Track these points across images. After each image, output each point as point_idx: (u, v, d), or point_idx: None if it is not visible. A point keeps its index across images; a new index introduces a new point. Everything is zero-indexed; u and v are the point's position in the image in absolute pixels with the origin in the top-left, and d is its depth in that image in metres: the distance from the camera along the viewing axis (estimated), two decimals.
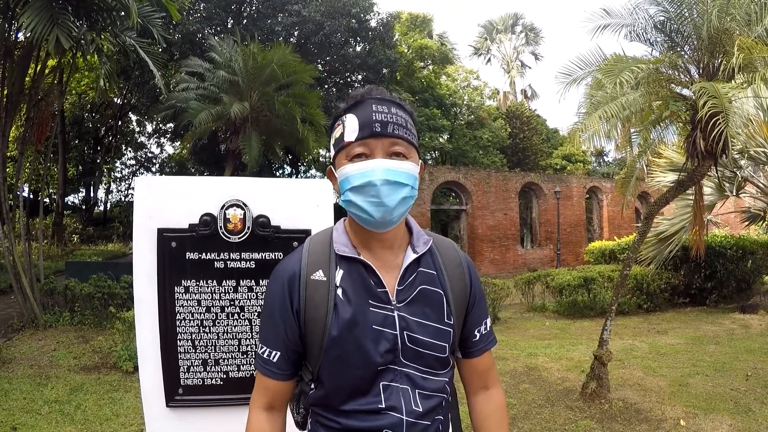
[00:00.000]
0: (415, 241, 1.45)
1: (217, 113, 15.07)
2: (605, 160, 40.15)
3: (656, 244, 10.46)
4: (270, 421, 1.43)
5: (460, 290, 1.45)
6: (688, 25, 5.64)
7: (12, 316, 9.41)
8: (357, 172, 1.30)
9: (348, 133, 1.33)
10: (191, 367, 2.31)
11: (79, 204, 33.58)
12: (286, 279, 1.40)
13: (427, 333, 1.36)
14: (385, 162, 1.30)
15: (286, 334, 1.38)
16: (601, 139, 6.31)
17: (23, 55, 9.82)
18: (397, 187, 1.29)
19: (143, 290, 2.29)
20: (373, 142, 1.31)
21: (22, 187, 11.69)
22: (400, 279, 1.38)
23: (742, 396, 5.80)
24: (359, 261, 1.38)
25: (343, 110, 1.37)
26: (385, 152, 1.31)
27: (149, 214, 2.29)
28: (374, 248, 1.40)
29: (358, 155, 1.32)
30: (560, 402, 5.78)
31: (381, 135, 1.31)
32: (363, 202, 1.29)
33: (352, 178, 1.31)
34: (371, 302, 1.34)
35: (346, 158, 1.34)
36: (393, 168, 1.29)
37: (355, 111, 1.34)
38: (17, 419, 5.24)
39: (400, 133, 1.33)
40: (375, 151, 1.31)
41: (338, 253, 1.39)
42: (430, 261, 1.45)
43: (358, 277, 1.36)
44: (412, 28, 30.38)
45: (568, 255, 23.93)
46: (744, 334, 8.99)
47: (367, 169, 1.29)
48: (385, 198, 1.28)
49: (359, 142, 1.31)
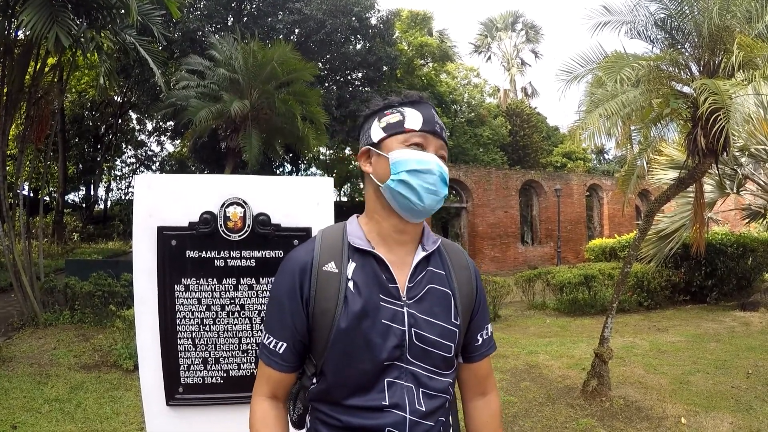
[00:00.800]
0: (425, 239, 1.47)
1: (217, 111, 15.05)
2: (606, 158, 40.17)
3: (657, 241, 10.46)
4: (274, 408, 1.43)
5: (467, 292, 1.47)
6: (689, 23, 5.62)
7: (12, 315, 9.42)
8: (419, 158, 1.36)
9: (410, 121, 1.40)
10: (191, 365, 2.30)
11: (79, 202, 33.59)
12: (297, 269, 1.40)
13: (435, 331, 1.37)
14: (439, 160, 1.39)
15: (293, 325, 1.38)
16: (602, 136, 6.30)
17: (23, 53, 9.81)
18: (444, 186, 1.38)
19: (143, 289, 2.29)
20: (432, 138, 1.40)
21: (22, 185, 11.70)
22: (411, 276, 1.39)
23: (743, 394, 5.80)
24: (373, 255, 1.39)
25: (399, 102, 1.45)
26: (436, 152, 1.41)
27: (149, 213, 2.28)
28: (389, 244, 1.42)
29: (417, 144, 1.39)
30: (561, 400, 5.78)
31: (438, 135, 1.41)
32: (419, 185, 1.34)
33: (412, 161, 1.36)
34: (382, 296, 1.35)
35: (404, 143, 1.39)
36: (444, 168, 1.40)
37: (415, 107, 1.43)
38: (17, 418, 5.24)
39: (446, 140, 1.45)
40: (430, 146, 1.40)
41: (353, 245, 1.40)
42: (439, 261, 1.47)
43: (370, 271, 1.38)
44: (412, 26, 30.35)
45: (569, 253, 23.93)
46: (745, 331, 8.99)
47: (429, 159, 1.37)
48: (439, 188, 1.37)
49: (421, 134, 1.39)
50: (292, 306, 1.38)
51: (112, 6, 9.23)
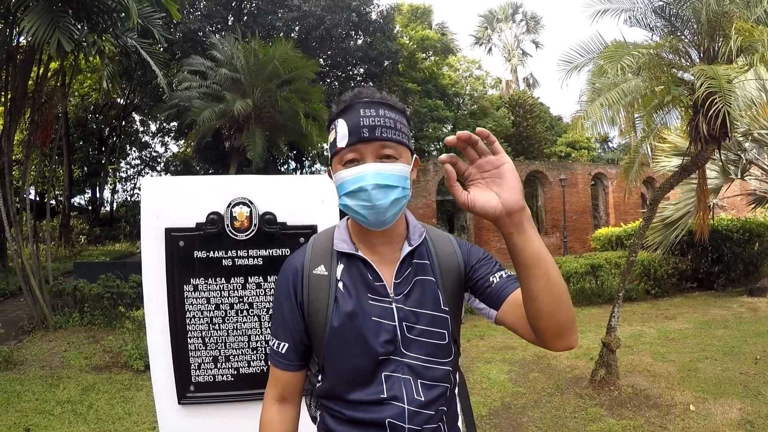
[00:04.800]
0: (411, 234, 1.48)
1: (220, 111, 15.06)
2: (610, 147, 39.99)
3: (662, 229, 10.45)
4: (281, 412, 1.49)
5: (454, 276, 1.47)
6: (688, 9, 5.61)
7: (22, 318, 9.48)
8: (349, 178, 1.32)
9: (339, 138, 1.36)
10: (202, 364, 2.34)
11: (85, 205, 33.64)
12: (291, 274, 1.47)
13: (425, 322, 1.40)
14: (375, 166, 1.32)
15: (292, 325, 1.45)
16: (604, 125, 6.32)
17: (25, 59, 9.85)
18: (388, 190, 1.31)
19: (152, 289, 2.32)
20: (363, 147, 1.33)
21: (28, 189, 11.77)
22: (397, 272, 1.42)
23: (752, 380, 5.81)
24: (357, 257, 1.43)
25: (335, 115, 1.40)
26: (375, 156, 1.33)
27: (156, 214, 2.31)
28: (374, 244, 1.45)
29: (350, 161, 1.34)
30: (570, 390, 5.80)
31: (369, 140, 1.33)
32: (356, 206, 1.33)
33: (345, 183, 1.33)
34: (370, 296, 1.39)
35: (340, 163, 1.37)
36: (382, 171, 1.31)
37: (345, 116, 1.36)
38: (30, 420, 5.30)
39: (389, 135, 1.35)
40: (365, 155, 1.33)
41: (337, 249, 1.45)
42: (424, 251, 1.48)
43: (356, 272, 1.42)
44: (412, 20, 30.24)
45: (575, 242, 23.88)
46: (752, 317, 8.98)
47: (358, 175, 1.31)
48: (377, 201, 1.30)
49: (349, 148, 1.34)
50: (289, 309, 1.46)
51: (112, 10, 9.26)
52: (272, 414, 1.48)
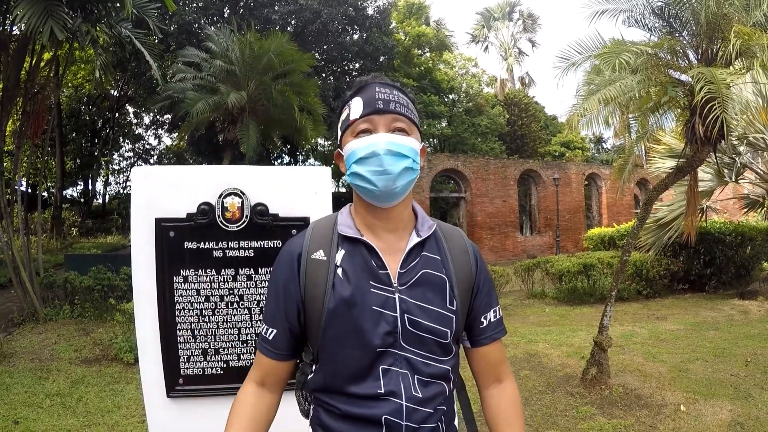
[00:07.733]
0: (419, 225, 1.46)
1: (214, 103, 15.01)
2: (604, 147, 40.10)
3: (655, 230, 10.48)
4: (257, 394, 1.45)
5: (464, 277, 1.45)
6: (687, 10, 5.60)
7: (12, 311, 9.42)
8: (362, 146, 1.34)
9: (354, 111, 1.39)
10: (191, 356, 2.31)
11: (77, 197, 33.42)
12: (288, 259, 1.44)
13: (429, 317, 1.36)
14: (388, 135, 1.35)
15: (285, 312, 1.41)
16: (600, 124, 6.31)
17: (18, 48, 9.77)
18: (399, 158, 1.34)
19: (142, 281, 2.29)
20: (377, 118, 1.37)
21: (19, 181, 11.69)
22: (403, 262, 1.38)
23: (742, 381, 5.82)
24: (362, 242, 1.39)
25: (350, 96, 1.44)
26: (388, 127, 1.37)
27: (147, 204, 2.28)
28: (378, 231, 1.42)
29: (363, 131, 1.37)
30: (561, 388, 5.80)
31: (384, 111, 1.37)
32: (367, 171, 1.33)
33: (357, 151, 1.35)
34: (372, 283, 1.35)
35: (352, 135, 1.39)
36: (395, 141, 1.34)
37: (360, 94, 1.41)
38: (19, 413, 5.25)
39: (402, 111, 1.39)
40: (378, 126, 1.37)
41: (341, 233, 1.41)
42: (435, 246, 1.45)
43: (359, 258, 1.38)
44: (408, 16, 30.27)
45: (568, 242, 23.96)
46: (743, 320, 9.01)
47: (372, 142, 1.34)
48: (389, 166, 1.32)
49: (363, 119, 1.37)
50: (285, 294, 1.41)
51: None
52: (247, 395, 1.44)
